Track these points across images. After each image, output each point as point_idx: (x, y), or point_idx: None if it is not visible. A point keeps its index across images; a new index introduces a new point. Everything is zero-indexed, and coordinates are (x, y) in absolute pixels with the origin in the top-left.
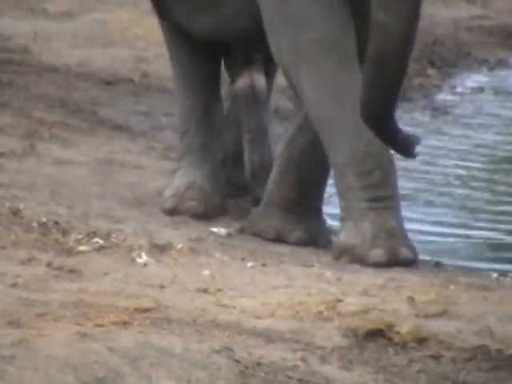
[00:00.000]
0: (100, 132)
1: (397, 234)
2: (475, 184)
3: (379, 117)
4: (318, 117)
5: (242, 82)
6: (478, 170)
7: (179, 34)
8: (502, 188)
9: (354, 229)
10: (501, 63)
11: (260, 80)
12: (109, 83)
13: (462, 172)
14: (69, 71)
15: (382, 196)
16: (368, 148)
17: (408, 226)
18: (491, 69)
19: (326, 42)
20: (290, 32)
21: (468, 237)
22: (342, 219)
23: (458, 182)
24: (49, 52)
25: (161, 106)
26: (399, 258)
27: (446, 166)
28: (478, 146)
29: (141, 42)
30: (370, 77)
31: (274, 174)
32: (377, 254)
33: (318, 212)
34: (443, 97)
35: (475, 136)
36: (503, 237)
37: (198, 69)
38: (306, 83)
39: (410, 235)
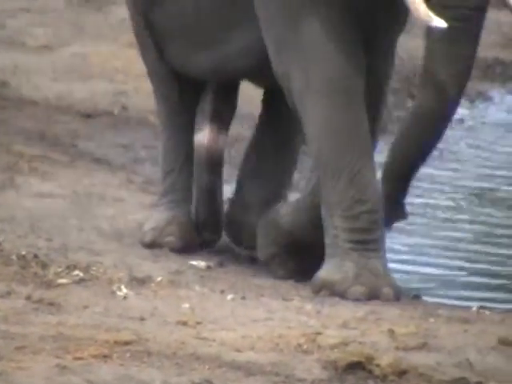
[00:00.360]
0: (79, 165)
1: (380, 275)
2: (454, 218)
3: (407, 176)
4: (317, 152)
5: (201, 137)
6: (457, 204)
7: (169, 74)
8: (477, 225)
9: (337, 266)
10: (480, 95)
11: (219, 139)
12: (88, 116)
13: (438, 206)
14: (48, 104)
15: (368, 239)
16: (359, 193)
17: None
18: (471, 101)
19: (336, 82)
20: (301, 63)
21: (445, 274)
22: (326, 256)
23: (434, 219)
24: (28, 85)
25: (140, 138)
26: (380, 297)
27: (422, 203)
28: (456, 179)
29: (120, 75)
30: (417, 134)
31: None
32: (357, 290)
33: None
34: None
35: (453, 169)
36: (480, 275)
37: (186, 110)
38: (311, 117)
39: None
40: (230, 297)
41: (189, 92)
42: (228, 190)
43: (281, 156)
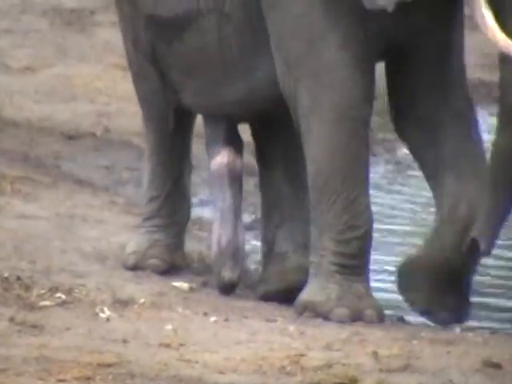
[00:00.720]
0: (62, 186)
1: (363, 297)
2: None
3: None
4: (315, 173)
5: (220, 160)
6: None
7: (167, 107)
8: None
9: (320, 287)
10: None
11: (237, 161)
12: (71, 138)
13: (420, 228)
14: (31, 126)
15: (354, 264)
16: (353, 219)
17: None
18: None
19: (344, 110)
20: (311, 84)
21: None
22: (311, 274)
23: (416, 239)
24: (11, 107)
25: (123, 160)
26: (363, 319)
27: (404, 222)
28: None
29: (103, 97)
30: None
31: None
32: (340, 312)
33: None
34: (406, 151)
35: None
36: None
37: (178, 140)
38: (315, 139)
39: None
40: (212, 319)
41: (183, 125)
42: (207, 212)
43: (298, 192)
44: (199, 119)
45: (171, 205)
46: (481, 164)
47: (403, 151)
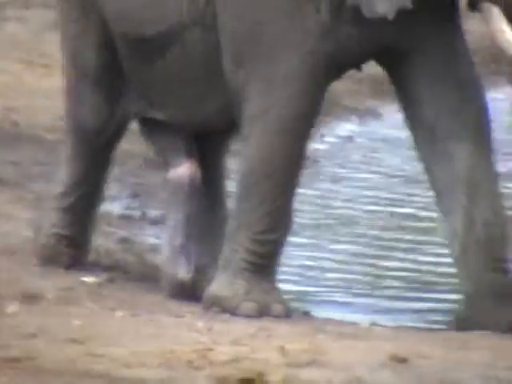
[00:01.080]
0: None
1: (270, 292)
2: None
3: None
4: (246, 171)
5: (181, 171)
6: (327, 225)
7: (112, 118)
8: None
9: (228, 282)
10: (370, 112)
11: (197, 173)
12: None
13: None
14: None
15: (264, 264)
16: (273, 223)
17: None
18: (361, 118)
19: (290, 121)
20: (262, 90)
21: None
22: (220, 267)
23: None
24: None
25: (31, 155)
26: (270, 313)
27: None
28: (341, 199)
29: (10, 91)
30: None
31: None
32: (247, 307)
33: None
34: (313, 146)
35: (340, 189)
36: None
37: (104, 148)
38: (256, 141)
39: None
40: (120, 313)
41: (117, 136)
42: (116, 206)
43: (217, 212)
44: None
45: (82, 204)
46: (494, 179)
47: (310, 146)
